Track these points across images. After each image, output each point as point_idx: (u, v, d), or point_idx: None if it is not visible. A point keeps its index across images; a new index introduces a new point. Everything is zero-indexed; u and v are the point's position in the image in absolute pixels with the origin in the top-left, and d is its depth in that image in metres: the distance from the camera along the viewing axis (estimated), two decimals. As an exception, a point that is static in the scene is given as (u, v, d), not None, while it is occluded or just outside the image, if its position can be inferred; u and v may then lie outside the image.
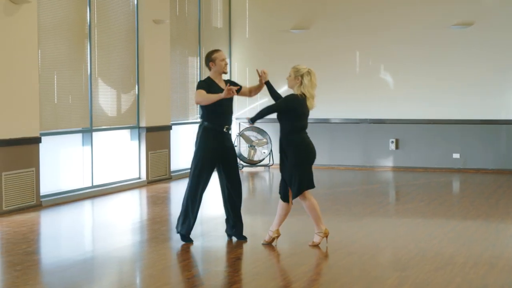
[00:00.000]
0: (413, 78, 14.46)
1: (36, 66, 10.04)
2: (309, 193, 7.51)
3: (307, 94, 7.40)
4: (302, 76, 7.38)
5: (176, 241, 7.85)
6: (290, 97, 7.45)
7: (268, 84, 7.87)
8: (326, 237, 7.56)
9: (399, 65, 14.55)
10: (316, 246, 7.50)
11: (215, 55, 7.79)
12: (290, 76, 7.45)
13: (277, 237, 7.66)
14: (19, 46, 9.73)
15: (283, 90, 15.08)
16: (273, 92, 7.84)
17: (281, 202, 7.58)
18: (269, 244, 7.61)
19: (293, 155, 7.42)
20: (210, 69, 7.84)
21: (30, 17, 9.87)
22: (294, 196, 7.48)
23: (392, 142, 14.63)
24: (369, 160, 14.79)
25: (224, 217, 8.03)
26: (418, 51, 14.38)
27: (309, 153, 7.48)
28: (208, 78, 7.81)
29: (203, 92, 7.57)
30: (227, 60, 7.88)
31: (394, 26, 14.54)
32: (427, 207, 10.17)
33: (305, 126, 7.51)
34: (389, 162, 14.66)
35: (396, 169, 14.55)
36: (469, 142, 14.21)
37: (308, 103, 7.42)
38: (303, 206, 7.58)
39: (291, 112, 7.40)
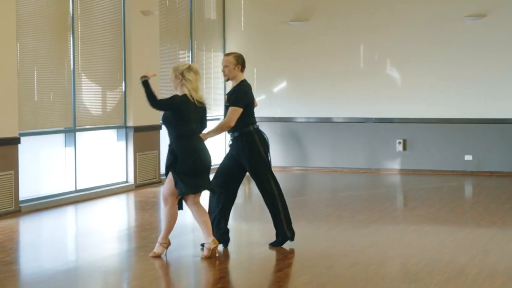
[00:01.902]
0: (423, 74, 14.41)
1: (14, 61, 10.01)
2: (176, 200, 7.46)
3: (189, 87, 7.42)
4: (182, 73, 7.47)
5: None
6: (175, 97, 7.54)
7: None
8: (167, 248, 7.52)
9: (407, 61, 14.51)
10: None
11: None
12: (171, 77, 7.62)
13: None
14: (-4, 39, 9.72)
15: (282, 86, 15.13)
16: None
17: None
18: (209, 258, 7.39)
19: (185, 160, 7.34)
20: None
21: (8, 8, 9.84)
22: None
23: (400, 143, 14.62)
24: (374, 162, 14.78)
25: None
26: (429, 46, 14.31)
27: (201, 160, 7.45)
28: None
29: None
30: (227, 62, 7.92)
31: (402, 18, 14.50)
32: (437, 213, 10.17)
33: (195, 130, 7.48)
34: (396, 165, 14.65)
35: (403, 172, 14.54)
36: (482, 143, 14.19)
37: (196, 97, 7.43)
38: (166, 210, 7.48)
39: (176, 115, 7.42)
